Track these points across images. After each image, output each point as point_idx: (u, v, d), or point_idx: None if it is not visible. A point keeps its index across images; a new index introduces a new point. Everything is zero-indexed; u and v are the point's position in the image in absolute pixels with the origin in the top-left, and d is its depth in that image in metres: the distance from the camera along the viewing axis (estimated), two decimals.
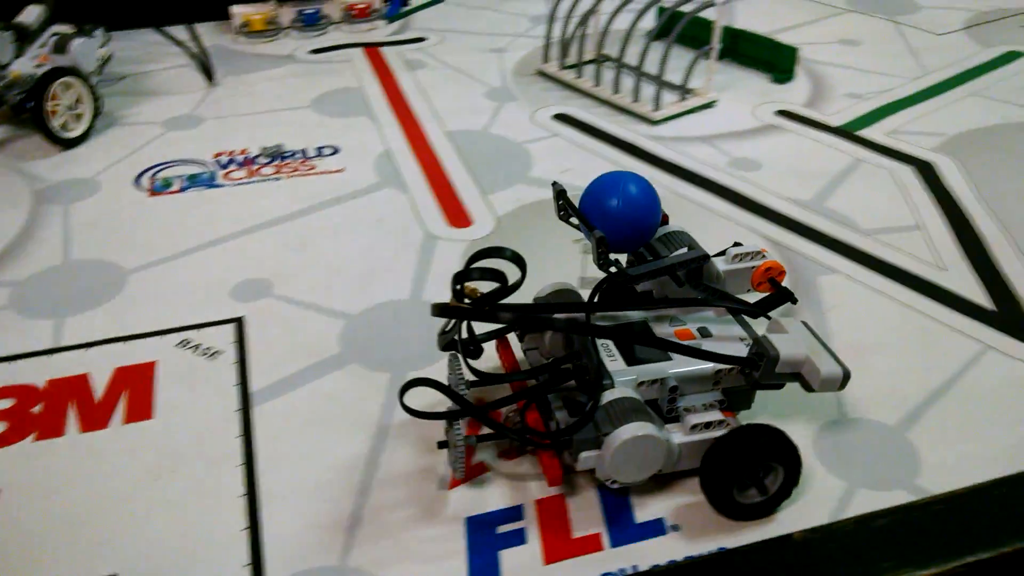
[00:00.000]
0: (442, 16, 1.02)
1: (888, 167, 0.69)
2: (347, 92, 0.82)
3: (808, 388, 0.39)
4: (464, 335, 0.41)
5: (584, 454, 0.37)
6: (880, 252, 0.58)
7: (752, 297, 0.44)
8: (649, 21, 0.90)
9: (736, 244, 0.44)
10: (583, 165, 0.69)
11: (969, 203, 0.64)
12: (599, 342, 0.40)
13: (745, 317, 0.42)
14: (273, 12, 0.96)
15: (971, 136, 0.74)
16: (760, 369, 0.38)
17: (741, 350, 0.39)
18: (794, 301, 0.44)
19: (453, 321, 0.41)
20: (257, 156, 0.70)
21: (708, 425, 0.38)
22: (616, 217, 0.40)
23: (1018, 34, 0.96)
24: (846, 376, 0.38)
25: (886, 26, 0.98)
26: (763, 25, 0.98)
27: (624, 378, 0.38)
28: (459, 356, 0.41)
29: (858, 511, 0.38)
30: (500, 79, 0.85)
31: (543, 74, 0.86)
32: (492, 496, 0.40)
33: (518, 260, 0.40)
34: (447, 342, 0.41)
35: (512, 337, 0.45)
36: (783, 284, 0.44)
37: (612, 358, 0.39)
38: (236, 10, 0.96)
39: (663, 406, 0.39)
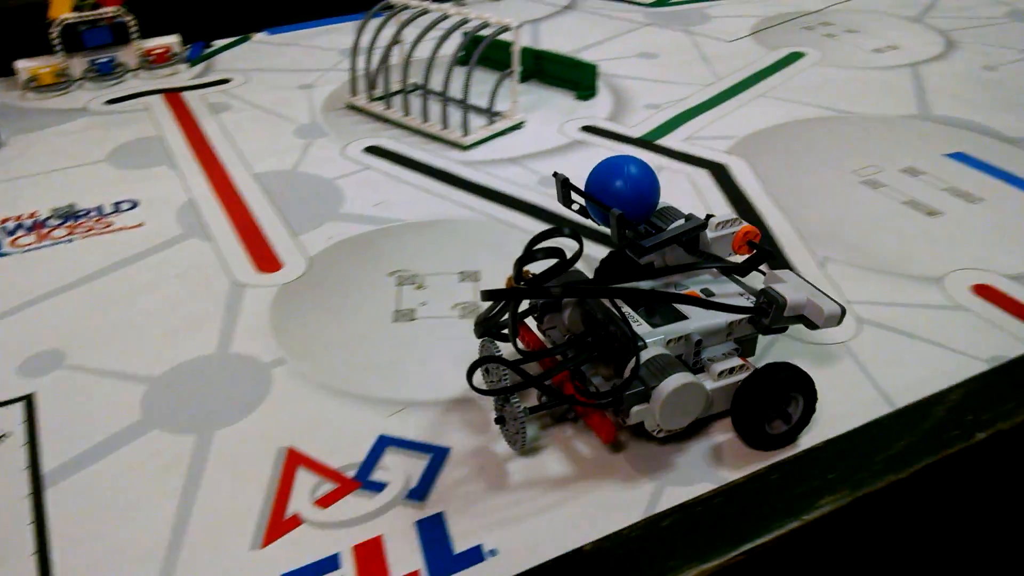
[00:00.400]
0: (247, 55, 1.00)
1: (686, 172, 0.73)
2: (146, 142, 0.79)
3: (812, 327, 0.44)
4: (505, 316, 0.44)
5: (635, 408, 0.40)
6: None
7: (735, 259, 0.47)
8: (455, 46, 0.91)
9: (709, 216, 0.47)
10: (396, 196, 0.69)
11: (758, 199, 0.68)
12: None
13: (736, 275, 0.47)
14: (63, 64, 0.91)
15: (760, 136, 0.79)
16: (770, 316, 0.43)
17: (745, 303, 0.44)
18: (773, 257, 0.48)
19: (497, 306, 0.44)
20: (47, 219, 0.66)
21: (732, 371, 0.43)
22: (623, 196, 0.45)
23: (799, 36, 1.03)
24: (843, 311, 0.44)
25: (681, 37, 1.04)
26: (567, 44, 1.01)
27: (654, 338, 0.41)
28: (494, 341, 0.45)
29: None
30: (309, 116, 0.84)
31: (353, 107, 0.85)
32: (307, 548, 0.39)
33: (575, 236, 0.43)
34: (485, 328, 0.44)
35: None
36: (759, 244, 0.47)
37: (637, 323, 0.42)
38: (21, 65, 0.90)
39: (689, 360, 0.43)
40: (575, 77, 0.88)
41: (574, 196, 0.48)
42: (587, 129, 0.81)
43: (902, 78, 0.90)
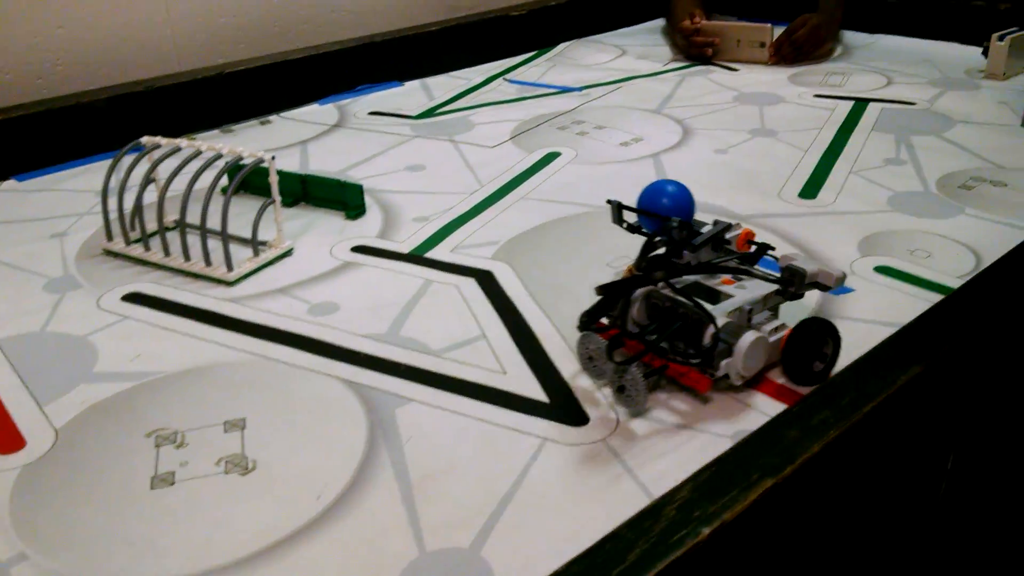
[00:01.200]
0: None
1: (454, 283, 0.75)
2: None
3: (825, 289, 0.58)
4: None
5: (724, 362, 0.54)
6: (450, 370, 0.62)
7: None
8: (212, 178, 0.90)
9: (716, 222, 0.61)
10: (156, 346, 0.66)
11: (521, 302, 0.71)
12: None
13: (748, 266, 0.61)
14: None
15: (521, 238, 0.83)
16: (795, 284, 0.57)
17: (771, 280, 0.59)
18: (772, 248, 0.60)
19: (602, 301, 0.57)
20: None
21: (777, 329, 0.58)
22: (669, 210, 0.60)
23: (555, 136, 1.10)
24: (844, 275, 0.57)
25: (447, 146, 1.08)
26: (336, 163, 1.03)
27: (719, 312, 0.56)
28: (593, 334, 0.58)
29: None
30: (62, 267, 0.80)
31: (110, 253, 0.82)
32: None
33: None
34: (587, 322, 0.57)
35: None
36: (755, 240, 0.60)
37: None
38: None
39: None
40: (342, 197, 0.89)
41: (625, 216, 0.63)
42: (357, 249, 0.82)
43: (646, 168, 0.98)
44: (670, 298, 0.57)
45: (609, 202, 0.63)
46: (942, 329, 0.55)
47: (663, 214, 0.60)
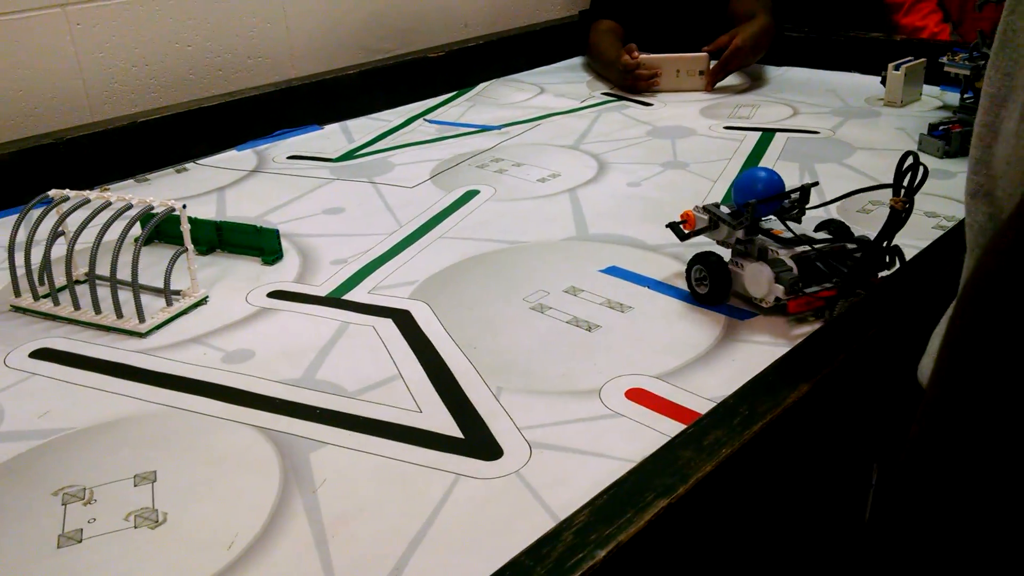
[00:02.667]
0: None
1: (372, 324, 0.75)
2: None
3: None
4: None
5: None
6: (366, 411, 0.63)
7: None
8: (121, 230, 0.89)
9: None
10: (65, 403, 0.65)
11: (439, 341, 0.72)
12: None
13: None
14: None
15: (439, 277, 0.83)
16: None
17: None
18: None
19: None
20: None
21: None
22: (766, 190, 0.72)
23: (474, 174, 1.12)
24: None
25: (366, 188, 1.09)
26: (254, 208, 1.03)
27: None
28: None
29: None
30: None
31: (18, 309, 0.80)
32: None
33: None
34: None
35: None
36: None
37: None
38: None
39: None
40: (259, 243, 0.89)
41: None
42: (274, 295, 0.82)
43: (562, 203, 1.00)
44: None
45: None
46: (829, 345, 0.57)
47: (741, 203, 0.73)
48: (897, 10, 1.73)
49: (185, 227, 0.78)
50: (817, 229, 0.75)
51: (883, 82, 1.33)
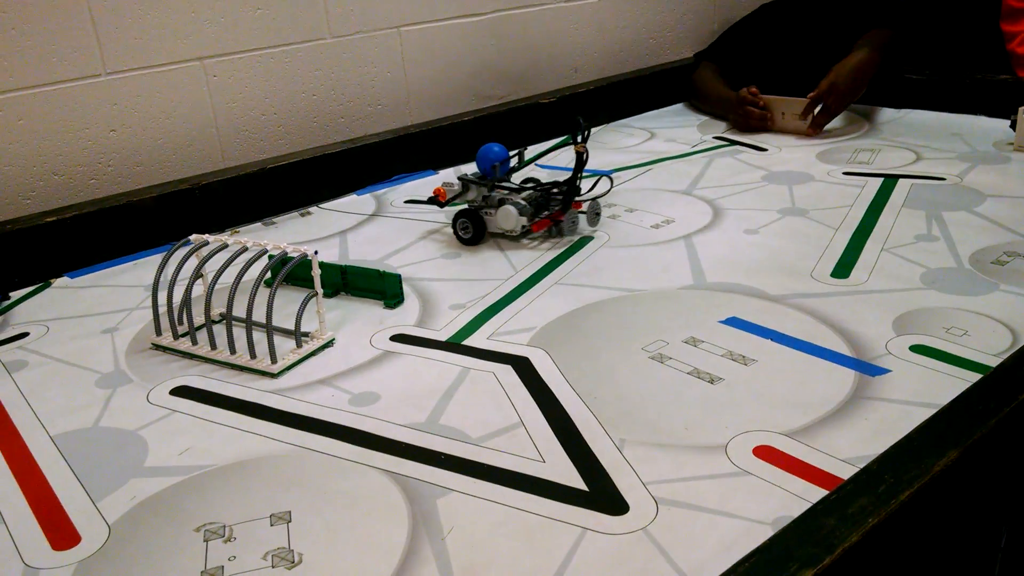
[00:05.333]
0: (47, 304, 0.98)
1: (491, 370, 0.76)
2: None
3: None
4: None
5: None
6: (490, 459, 0.63)
7: None
8: (258, 271, 0.93)
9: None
10: (203, 440, 0.68)
11: (559, 389, 0.72)
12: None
13: None
14: None
15: (556, 324, 0.84)
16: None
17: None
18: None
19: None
20: None
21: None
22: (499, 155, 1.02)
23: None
24: None
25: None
26: (375, 252, 1.06)
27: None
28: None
29: None
30: (113, 362, 0.83)
31: (159, 347, 0.84)
32: None
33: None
34: None
35: None
36: None
37: None
38: None
39: None
40: (381, 287, 0.92)
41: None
42: (396, 338, 0.84)
43: (678, 251, 1.00)
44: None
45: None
46: (980, 410, 0.55)
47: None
48: (1012, 39, 1.66)
49: (316, 272, 0.81)
50: (523, 183, 1.06)
51: (1012, 126, 1.28)
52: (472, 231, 1.05)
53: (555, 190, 1.05)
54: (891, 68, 1.49)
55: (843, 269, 0.91)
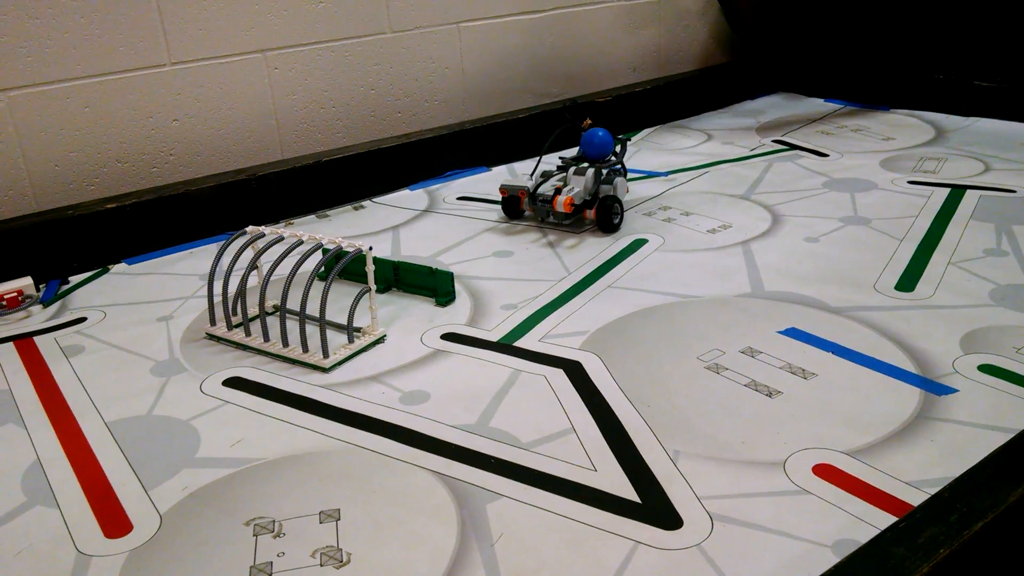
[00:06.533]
0: (104, 290, 0.99)
1: (543, 373, 0.75)
2: None
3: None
4: None
5: None
6: (540, 465, 0.62)
7: None
8: (312, 264, 0.93)
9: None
10: (255, 432, 0.68)
11: (611, 395, 0.71)
12: None
13: None
14: None
15: (609, 328, 0.83)
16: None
17: None
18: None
19: None
20: None
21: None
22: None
23: (641, 221, 1.11)
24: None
25: (533, 232, 1.10)
26: (427, 248, 1.06)
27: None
28: None
29: None
30: (167, 350, 0.83)
31: (212, 337, 0.85)
32: None
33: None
34: None
35: None
36: None
37: None
38: None
39: None
40: (433, 284, 0.92)
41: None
42: (447, 337, 0.83)
43: (735, 257, 0.97)
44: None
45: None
46: None
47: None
48: None
49: (370, 268, 0.81)
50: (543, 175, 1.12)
51: None
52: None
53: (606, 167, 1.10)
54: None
55: (908, 282, 0.88)
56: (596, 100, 1.49)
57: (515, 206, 1.13)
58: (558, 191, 1.05)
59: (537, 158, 1.13)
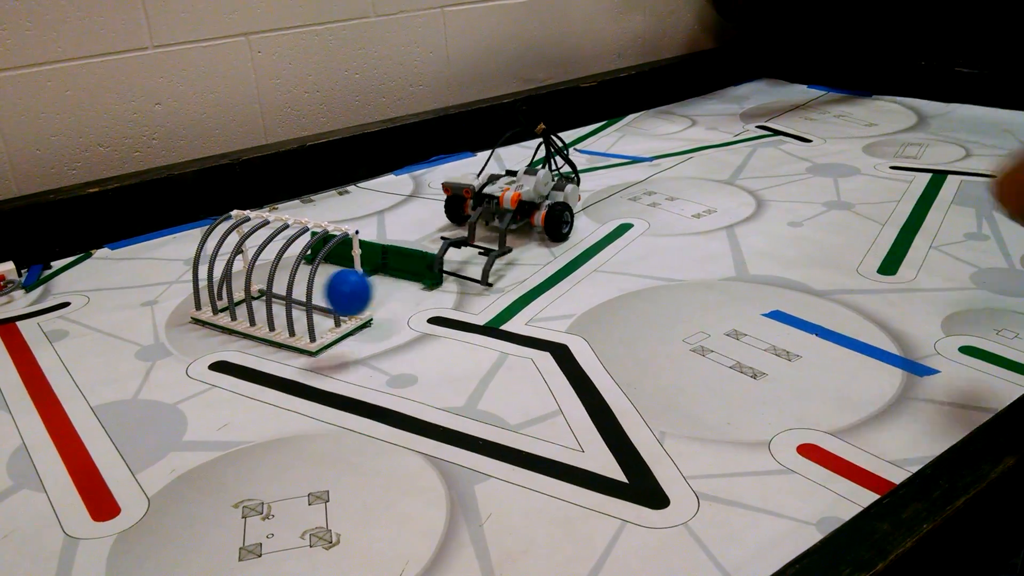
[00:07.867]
0: (88, 275, 0.98)
1: (530, 356, 0.75)
2: None
3: None
4: None
5: None
6: (528, 446, 0.63)
7: None
8: (299, 248, 0.93)
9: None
10: (242, 416, 0.68)
11: (598, 378, 0.71)
12: None
13: None
14: None
15: (596, 311, 0.83)
16: None
17: None
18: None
19: None
20: None
21: None
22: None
23: (626, 207, 1.11)
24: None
25: None
26: (412, 233, 1.05)
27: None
28: None
29: None
30: (152, 335, 0.83)
31: (198, 321, 0.85)
32: None
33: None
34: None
35: None
36: None
37: None
38: None
39: None
40: (419, 268, 0.91)
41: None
42: (434, 320, 0.83)
43: (720, 241, 0.98)
44: None
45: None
46: None
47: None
48: None
49: (356, 252, 0.81)
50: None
51: None
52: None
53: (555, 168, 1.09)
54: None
55: (890, 265, 0.89)
56: (581, 85, 1.49)
57: (459, 207, 1.04)
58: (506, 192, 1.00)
59: (485, 161, 1.09)
